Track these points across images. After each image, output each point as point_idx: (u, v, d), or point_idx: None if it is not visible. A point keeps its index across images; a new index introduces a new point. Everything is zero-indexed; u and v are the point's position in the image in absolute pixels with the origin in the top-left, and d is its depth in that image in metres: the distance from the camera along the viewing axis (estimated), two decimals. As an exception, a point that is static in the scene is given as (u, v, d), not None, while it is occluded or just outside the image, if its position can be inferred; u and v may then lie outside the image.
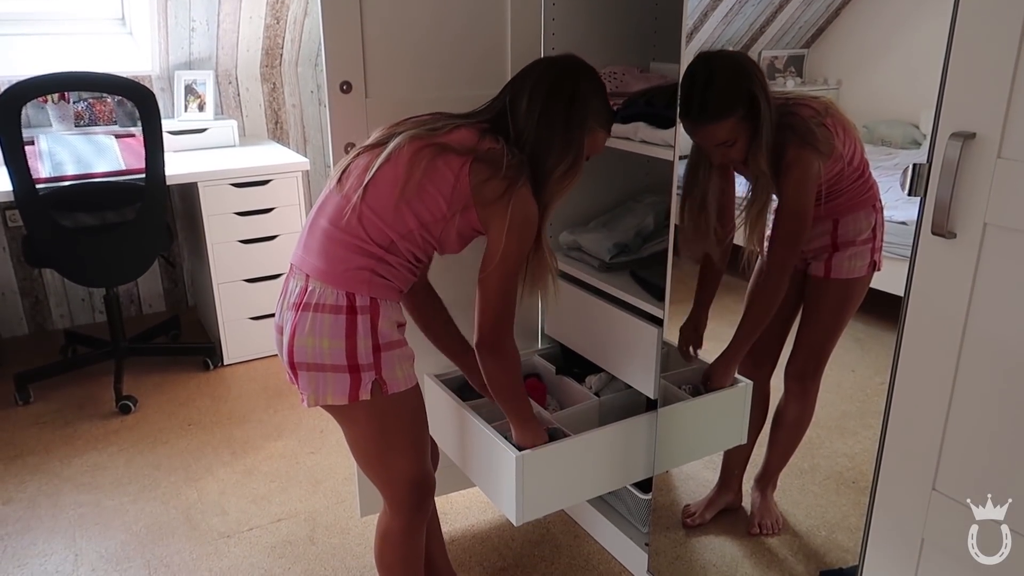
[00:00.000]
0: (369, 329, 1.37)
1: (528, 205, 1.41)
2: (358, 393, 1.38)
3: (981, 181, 1.05)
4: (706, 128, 1.61)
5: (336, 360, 1.36)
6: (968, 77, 1.04)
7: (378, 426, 1.46)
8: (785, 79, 1.83)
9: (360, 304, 1.37)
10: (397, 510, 1.56)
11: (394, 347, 1.42)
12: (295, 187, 3.16)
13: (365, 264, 1.37)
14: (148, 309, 3.72)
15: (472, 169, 1.38)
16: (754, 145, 1.60)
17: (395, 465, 1.51)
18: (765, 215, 1.68)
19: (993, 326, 1.08)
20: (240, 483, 2.43)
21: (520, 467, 1.62)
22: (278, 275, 3.20)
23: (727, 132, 1.59)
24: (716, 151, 1.66)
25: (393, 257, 1.40)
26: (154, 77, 3.44)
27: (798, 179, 1.62)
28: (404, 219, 1.38)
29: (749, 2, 2.39)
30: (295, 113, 3.83)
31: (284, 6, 3.43)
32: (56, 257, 2.72)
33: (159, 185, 2.75)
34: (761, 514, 2.04)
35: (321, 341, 1.36)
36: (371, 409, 1.43)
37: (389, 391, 1.41)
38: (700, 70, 1.61)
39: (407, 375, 1.45)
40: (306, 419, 2.79)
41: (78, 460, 2.55)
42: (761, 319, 1.79)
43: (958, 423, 1.14)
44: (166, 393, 2.99)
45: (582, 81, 1.47)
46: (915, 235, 1.13)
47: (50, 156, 2.87)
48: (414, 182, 1.36)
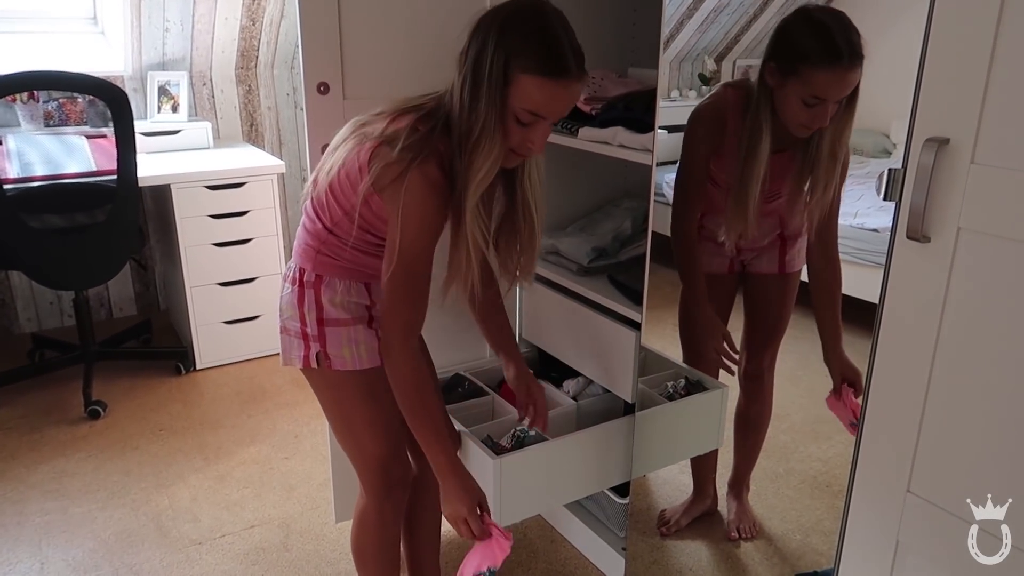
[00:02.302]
0: (313, 303, 1.42)
1: (422, 187, 1.25)
2: (309, 361, 1.44)
3: (955, 186, 1.06)
4: (854, 71, 1.49)
5: (293, 325, 1.45)
6: (942, 83, 1.06)
7: (333, 397, 1.51)
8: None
9: (306, 279, 1.43)
10: (367, 491, 1.58)
11: (339, 325, 1.43)
12: (270, 190, 3.13)
13: (312, 243, 1.42)
14: (119, 313, 3.66)
15: (373, 153, 1.28)
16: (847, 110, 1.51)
17: (361, 442, 1.53)
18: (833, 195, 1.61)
19: (967, 329, 1.09)
20: (212, 489, 2.39)
21: (498, 472, 1.61)
22: (252, 279, 3.17)
23: (854, 82, 1.49)
24: (821, 109, 1.52)
25: (336, 238, 1.40)
26: (126, 77, 3.39)
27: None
28: (333, 207, 1.38)
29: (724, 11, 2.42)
30: (271, 116, 3.79)
31: (260, 8, 3.41)
32: (24, 259, 2.67)
33: (131, 187, 2.70)
34: (737, 518, 2.05)
35: (287, 308, 1.47)
36: (323, 379, 1.48)
37: (332, 367, 1.44)
38: (827, 16, 1.51)
39: (355, 356, 1.44)
40: (280, 424, 2.76)
41: (45, 466, 2.49)
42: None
43: (932, 426, 1.15)
44: (137, 398, 2.93)
45: (506, 19, 1.23)
46: (890, 239, 1.14)
47: (18, 156, 2.82)
48: (335, 171, 1.35)
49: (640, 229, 2.02)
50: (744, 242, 1.76)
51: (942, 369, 1.13)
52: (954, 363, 1.11)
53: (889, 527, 1.23)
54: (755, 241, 1.78)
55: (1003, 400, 1.07)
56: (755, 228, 1.70)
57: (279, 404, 2.90)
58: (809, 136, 1.58)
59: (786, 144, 1.62)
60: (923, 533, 1.19)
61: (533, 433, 1.72)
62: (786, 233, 1.77)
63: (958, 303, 1.09)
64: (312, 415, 2.81)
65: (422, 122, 1.30)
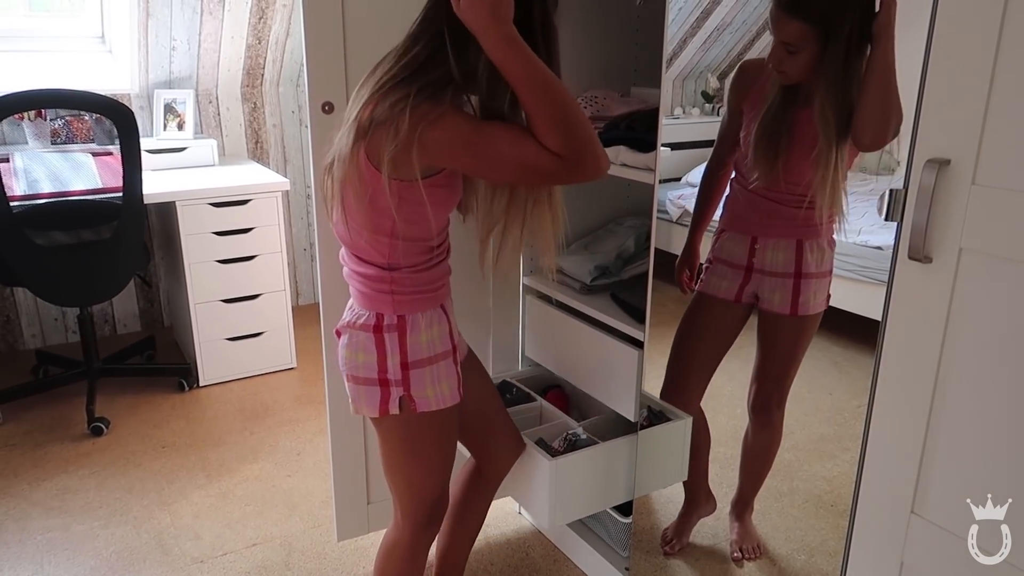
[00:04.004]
0: (397, 347, 1.37)
1: (460, 112, 1.23)
2: (387, 407, 1.40)
3: (956, 207, 1.06)
4: (781, 15, 1.55)
5: (368, 373, 1.40)
6: (943, 105, 1.06)
7: (407, 441, 1.46)
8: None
9: (387, 323, 1.38)
10: (407, 523, 1.55)
11: (423, 365, 1.39)
12: (275, 207, 3.14)
13: (380, 287, 1.37)
14: (123, 329, 3.67)
15: (369, 151, 1.24)
16: (823, 75, 1.51)
17: (417, 480, 1.51)
18: (832, 179, 1.58)
19: (970, 349, 1.09)
20: (214, 507, 2.39)
21: (553, 473, 1.67)
22: (256, 295, 3.17)
23: (794, 33, 1.53)
24: (776, 50, 1.58)
25: (401, 271, 1.35)
26: (133, 95, 3.42)
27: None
28: (378, 242, 1.33)
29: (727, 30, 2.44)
30: (276, 133, 3.82)
31: (266, 27, 3.44)
32: (29, 276, 2.68)
33: (136, 204, 2.72)
34: (741, 539, 2.04)
35: (357, 355, 1.40)
36: (400, 424, 1.43)
37: (417, 409, 1.40)
38: None
39: (439, 395, 1.42)
40: (283, 441, 2.76)
41: (47, 483, 2.49)
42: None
43: (936, 447, 1.15)
44: (140, 415, 2.93)
45: None
46: (892, 260, 1.15)
47: (25, 173, 2.84)
48: (352, 209, 1.31)
49: (643, 247, 2.02)
50: (761, 183, 1.70)
51: (945, 390, 1.12)
52: (957, 384, 1.11)
53: (893, 549, 1.22)
54: (767, 264, 1.78)
55: (1007, 422, 1.07)
56: (769, 170, 1.68)
57: (282, 421, 2.89)
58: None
59: (806, 100, 1.61)
60: (928, 555, 1.18)
61: (584, 437, 1.78)
62: (802, 267, 1.75)
63: (961, 324, 1.09)
64: (314, 432, 2.81)
65: (415, 78, 1.23)
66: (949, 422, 1.13)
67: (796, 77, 1.59)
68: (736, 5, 2.42)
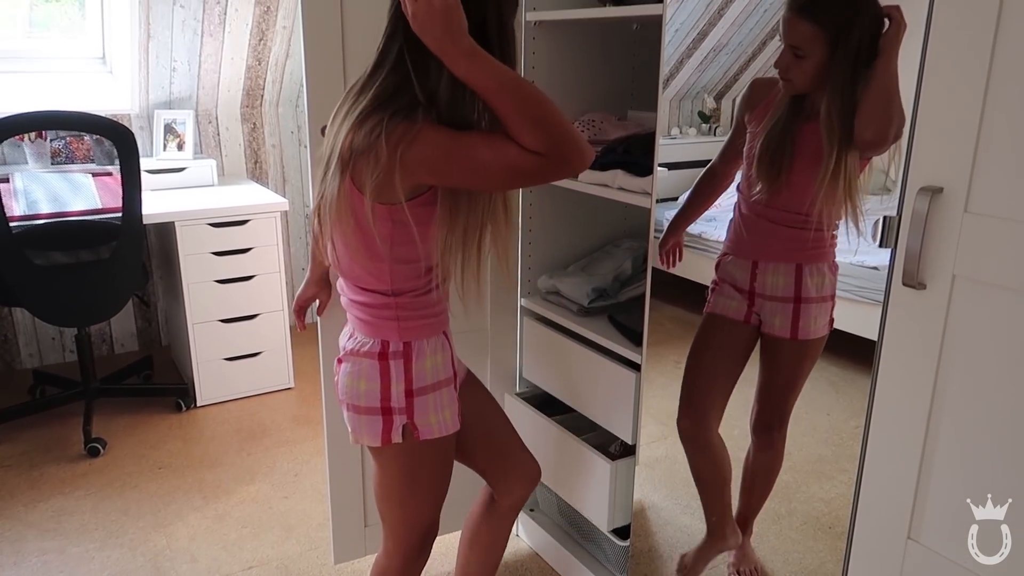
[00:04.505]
0: (402, 374, 1.37)
1: (435, 125, 1.22)
2: (390, 436, 1.38)
3: (949, 234, 1.07)
4: (792, 19, 1.55)
5: (371, 402, 1.38)
6: (935, 133, 1.08)
7: (406, 470, 1.44)
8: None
9: (392, 351, 1.37)
10: (398, 550, 1.54)
11: (427, 392, 1.38)
12: (274, 227, 3.15)
13: (385, 315, 1.36)
14: (120, 348, 3.67)
15: (355, 179, 1.25)
16: (831, 82, 1.52)
17: (411, 508, 1.49)
18: (842, 187, 1.57)
19: (964, 374, 1.09)
20: (211, 529, 2.38)
21: (613, 475, 1.79)
22: (255, 315, 3.17)
23: (804, 37, 1.54)
24: (784, 55, 1.59)
25: (406, 296, 1.35)
26: (133, 116, 3.44)
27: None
28: (379, 272, 1.33)
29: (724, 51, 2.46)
30: (275, 153, 3.83)
31: (266, 48, 3.46)
32: (28, 296, 2.68)
33: (135, 224, 2.73)
34: (739, 561, 2.03)
35: (359, 383, 1.39)
36: (401, 453, 1.41)
37: (420, 437, 1.39)
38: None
39: (442, 422, 1.41)
40: (280, 462, 2.75)
41: (43, 505, 2.48)
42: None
43: (931, 473, 1.15)
44: (137, 435, 2.93)
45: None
46: (887, 286, 1.15)
47: (24, 194, 2.85)
48: (351, 242, 1.32)
49: (640, 269, 2.03)
50: (763, 197, 1.71)
51: (940, 416, 1.13)
52: (953, 410, 1.11)
53: (890, 575, 1.22)
54: (768, 288, 1.78)
55: (1001, 446, 1.07)
56: (771, 183, 1.68)
57: (279, 442, 2.89)
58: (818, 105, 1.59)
59: (811, 114, 1.62)
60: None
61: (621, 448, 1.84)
62: (802, 292, 1.75)
63: (955, 349, 1.10)
64: (312, 453, 2.80)
65: (389, 103, 1.23)
66: (945, 448, 1.13)
67: (802, 85, 1.59)
68: (732, 27, 2.44)
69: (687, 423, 1.91)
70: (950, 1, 1.04)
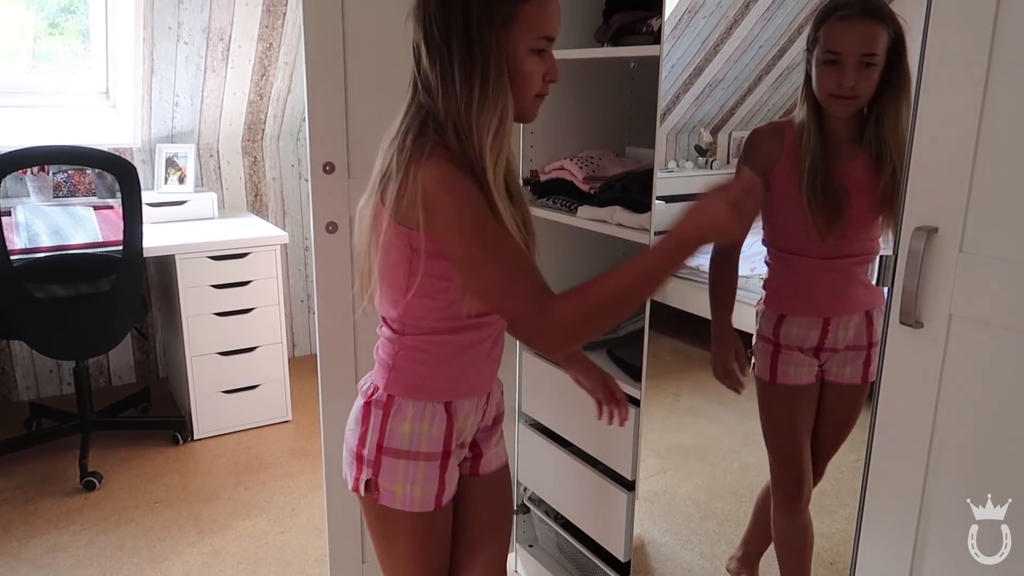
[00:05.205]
0: (378, 426, 1.27)
1: (441, 169, 1.12)
2: (358, 485, 1.30)
3: (945, 273, 1.08)
4: (865, 22, 1.46)
5: (351, 443, 1.31)
6: (929, 173, 1.09)
7: (379, 529, 1.33)
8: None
9: (376, 398, 1.28)
10: None
11: (399, 457, 1.26)
12: (273, 260, 3.17)
13: (385, 357, 1.30)
14: (118, 381, 3.66)
15: (378, 212, 1.20)
16: (887, 95, 1.46)
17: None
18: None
19: (962, 412, 1.10)
20: (206, 565, 2.35)
21: (629, 504, 1.74)
22: (253, 348, 3.17)
23: (879, 41, 1.44)
24: (848, 72, 1.48)
25: (416, 336, 1.25)
26: (135, 149, 3.47)
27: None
28: (409, 306, 1.24)
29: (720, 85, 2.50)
30: (275, 186, 3.86)
31: (268, 83, 3.51)
32: (27, 329, 2.68)
33: (136, 257, 2.74)
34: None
35: (351, 420, 1.33)
36: (373, 512, 1.31)
37: (379, 500, 1.27)
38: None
39: (407, 496, 1.26)
40: (277, 497, 2.73)
41: (37, 540, 2.46)
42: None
43: (932, 514, 1.15)
44: (133, 469, 2.91)
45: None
46: (884, 324, 1.16)
47: (26, 227, 2.86)
48: (380, 270, 1.26)
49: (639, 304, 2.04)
50: (833, 236, 1.58)
51: (940, 456, 1.13)
52: (951, 449, 1.12)
53: (893, 614, 1.21)
54: (841, 340, 1.70)
55: (999, 486, 1.07)
56: (830, 224, 1.58)
57: (276, 476, 2.87)
58: (867, 130, 1.53)
59: (851, 150, 1.57)
60: (928, 621, 1.17)
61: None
62: (873, 336, 1.66)
63: (953, 387, 1.10)
64: (309, 487, 2.79)
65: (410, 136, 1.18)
66: (945, 483, 1.13)
67: (867, 97, 1.50)
68: (728, 63, 2.48)
69: (788, 499, 1.79)
70: (943, 41, 1.06)
